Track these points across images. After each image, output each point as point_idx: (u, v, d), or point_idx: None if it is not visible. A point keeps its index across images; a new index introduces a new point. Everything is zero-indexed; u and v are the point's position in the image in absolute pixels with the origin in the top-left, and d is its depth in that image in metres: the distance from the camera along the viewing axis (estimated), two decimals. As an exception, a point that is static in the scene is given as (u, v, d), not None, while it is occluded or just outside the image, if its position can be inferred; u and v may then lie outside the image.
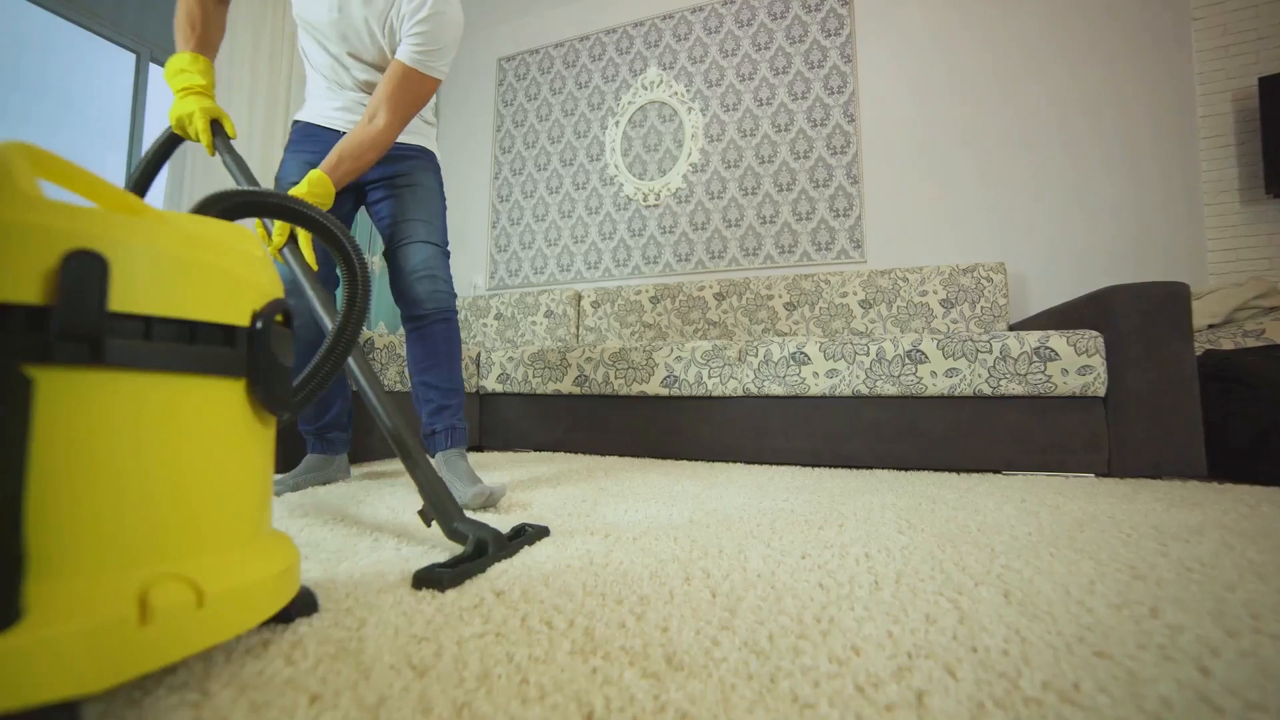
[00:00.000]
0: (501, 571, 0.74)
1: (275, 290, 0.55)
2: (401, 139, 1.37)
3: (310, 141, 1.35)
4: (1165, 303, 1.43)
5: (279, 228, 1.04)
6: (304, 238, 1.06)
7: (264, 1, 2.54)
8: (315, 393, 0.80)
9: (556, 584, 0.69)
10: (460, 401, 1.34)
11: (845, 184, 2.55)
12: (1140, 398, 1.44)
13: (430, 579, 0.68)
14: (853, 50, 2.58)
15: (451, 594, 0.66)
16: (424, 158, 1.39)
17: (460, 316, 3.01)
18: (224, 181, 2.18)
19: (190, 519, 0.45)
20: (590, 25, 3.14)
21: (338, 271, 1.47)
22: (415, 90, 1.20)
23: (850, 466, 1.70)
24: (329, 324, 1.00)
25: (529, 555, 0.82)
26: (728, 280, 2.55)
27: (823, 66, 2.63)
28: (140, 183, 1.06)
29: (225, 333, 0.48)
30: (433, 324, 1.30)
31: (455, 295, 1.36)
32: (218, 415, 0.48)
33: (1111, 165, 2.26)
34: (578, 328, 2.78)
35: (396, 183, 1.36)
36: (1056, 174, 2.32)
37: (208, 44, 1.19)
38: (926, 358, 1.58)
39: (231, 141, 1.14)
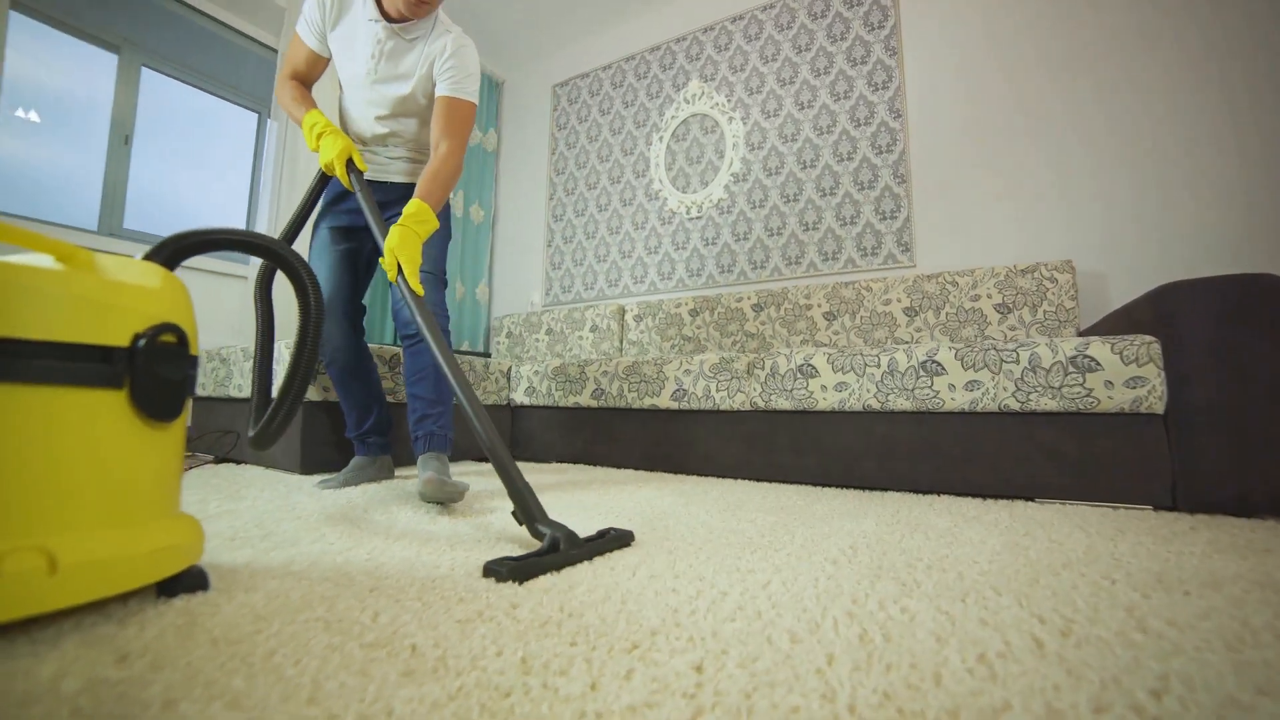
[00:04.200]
0: (397, 575, 0.80)
1: (166, 316, 0.65)
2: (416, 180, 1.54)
3: (332, 193, 1.59)
4: (1245, 299, 1.18)
5: (387, 261, 1.20)
6: (409, 265, 1.19)
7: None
8: (284, 426, 0.92)
9: (435, 585, 0.74)
10: (443, 411, 1.46)
11: (892, 184, 2.38)
12: (1213, 415, 1.19)
13: (491, 569, 0.76)
14: (898, 42, 2.41)
15: (327, 586, 0.73)
16: None
17: (515, 332, 3.19)
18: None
19: (59, 501, 0.55)
20: (636, 45, 3.23)
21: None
22: (461, 114, 1.42)
23: (863, 487, 1.57)
24: (434, 346, 1.11)
25: (433, 566, 0.87)
26: (766, 291, 2.47)
27: (866, 63, 2.48)
28: (299, 218, 1.36)
29: (102, 352, 0.59)
30: (421, 342, 1.44)
31: (447, 316, 1.49)
32: (92, 419, 0.58)
33: (1219, 138, 1.89)
34: (621, 341, 2.83)
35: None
36: (1141, 156, 1.99)
37: (317, 106, 1.50)
38: (944, 369, 1.43)
39: (363, 174, 1.41)
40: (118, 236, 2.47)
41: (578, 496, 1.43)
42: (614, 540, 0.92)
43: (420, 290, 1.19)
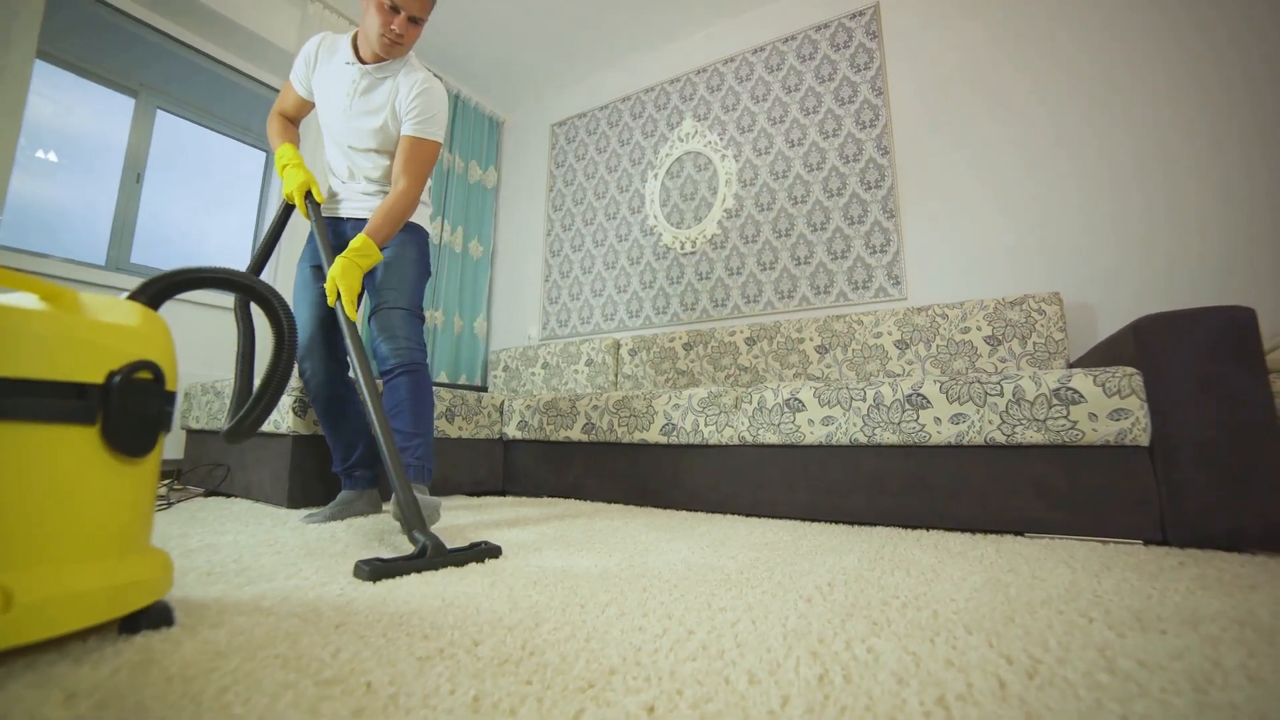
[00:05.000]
0: (366, 610, 0.79)
1: (143, 353, 0.67)
2: None
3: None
4: (1222, 331, 1.19)
5: (329, 288, 1.33)
6: (347, 292, 1.32)
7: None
8: (257, 424, 0.95)
9: (402, 621, 0.73)
10: (422, 442, 1.48)
11: (881, 219, 2.42)
12: (1197, 447, 1.19)
13: (358, 568, 0.91)
14: (883, 82, 2.50)
15: (294, 622, 0.72)
16: (406, 231, 1.59)
17: (512, 366, 3.21)
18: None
19: (19, 536, 0.56)
20: (632, 86, 3.34)
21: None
22: (421, 154, 1.49)
23: (852, 522, 1.55)
24: (358, 369, 1.23)
25: (408, 587, 0.86)
26: (759, 325, 2.49)
27: (853, 102, 2.56)
28: (267, 244, 1.44)
29: (76, 389, 0.61)
30: (398, 376, 1.47)
31: (422, 350, 1.52)
32: (61, 454, 0.59)
33: (1201, 169, 1.93)
34: (616, 375, 2.85)
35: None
36: (1127, 187, 2.03)
37: (292, 139, 1.63)
38: (929, 402, 1.43)
39: (319, 205, 1.52)
40: (124, 271, 2.53)
41: (562, 530, 1.42)
42: (481, 552, 1.06)
43: (354, 317, 1.31)
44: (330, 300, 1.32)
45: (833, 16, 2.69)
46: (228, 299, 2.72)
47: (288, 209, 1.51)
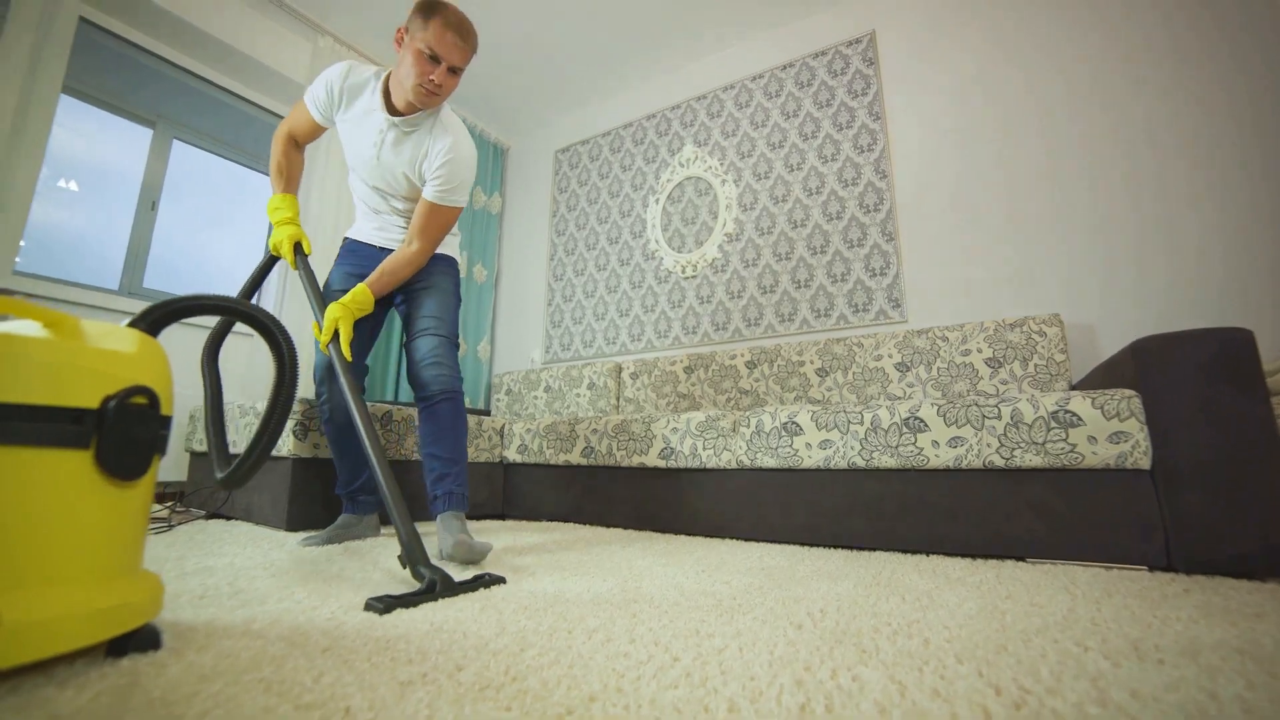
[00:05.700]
0: (354, 635, 0.80)
1: (139, 378, 0.69)
2: None
3: (352, 256, 1.67)
4: (1220, 353, 1.18)
5: (325, 328, 1.37)
6: (344, 337, 1.37)
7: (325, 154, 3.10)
8: (259, 463, 0.96)
9: (389, 646, 0.73)
10: (460, 470, 1.47)
11: (880, 242, 2.44)
12: (1201, 470, 1.17)
13: (370, 604, 0.90)
14: (881, 107, 2.54)
15: (281, 645, 0.72)
16: (441, 262, 1.63)
17: (515, 389, 3.23)
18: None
19: (8, 559, 0.57)
20: (633, 113, 3.42)
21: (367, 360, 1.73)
22: (441, 219, 1.51)
23: (851, 547, 1.53)
24: (353, 406, 1.26)
25: (399, 612, 0.86)
26: (759, 348, 2.50)
27: (851, 127, 2.60)
28: (249, 289, 1.45)
29: (72, 414, 0.62)
30: (438, 403, 1.47)
31: (460, 378, 1.53)
32: (53, 478, 0.61)
33: (1200, 188, 1.93)
34: (618, 399, 2.85)
35: (414, 286, 1.60)
36: (1126, 208, 2.04)
37: (293, 183, 1.60)
38: (926, 425, 1.42)
39: (308, 257, 1.54)
40: (137, 296, 2.58)
41: (559, 558, 1.41)
42: (486, 583, 1.07)
43: (350, 357, 1.36)
44: (324, 343, 1.36)
45: (830, 44, 2.75)
46: (236, 326, 2.77)
47: (272, 258, 1.54)
